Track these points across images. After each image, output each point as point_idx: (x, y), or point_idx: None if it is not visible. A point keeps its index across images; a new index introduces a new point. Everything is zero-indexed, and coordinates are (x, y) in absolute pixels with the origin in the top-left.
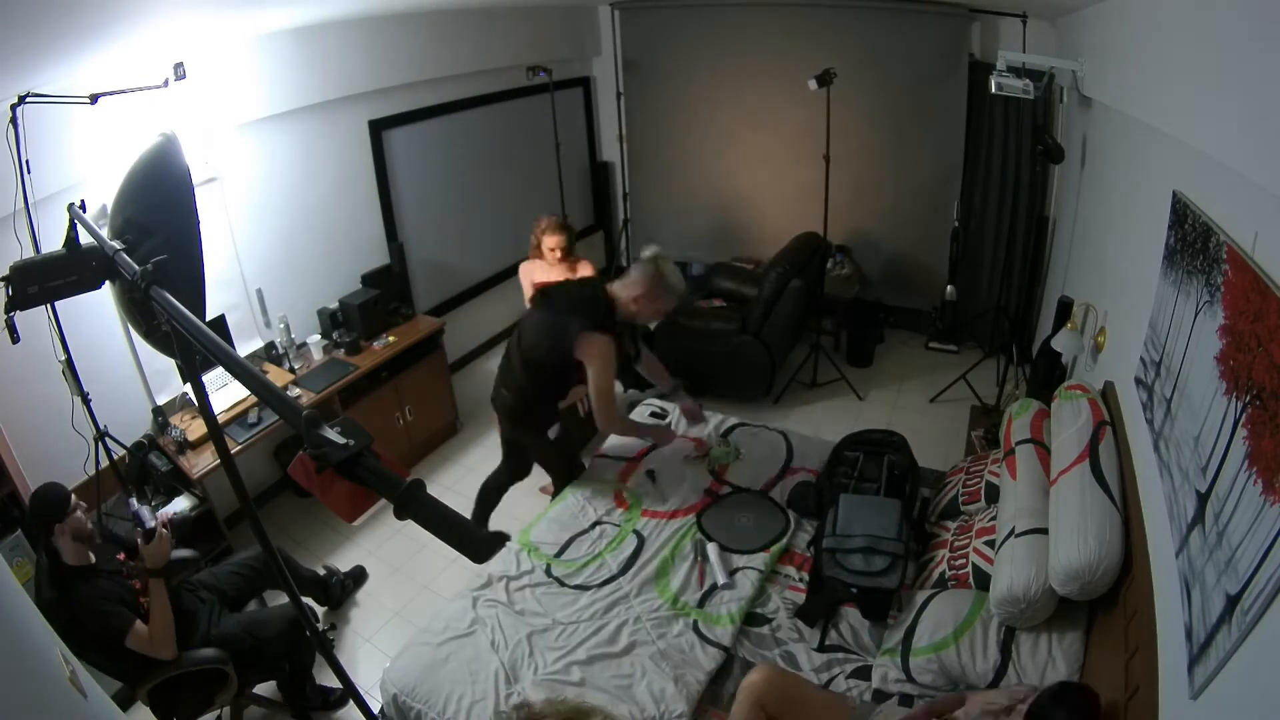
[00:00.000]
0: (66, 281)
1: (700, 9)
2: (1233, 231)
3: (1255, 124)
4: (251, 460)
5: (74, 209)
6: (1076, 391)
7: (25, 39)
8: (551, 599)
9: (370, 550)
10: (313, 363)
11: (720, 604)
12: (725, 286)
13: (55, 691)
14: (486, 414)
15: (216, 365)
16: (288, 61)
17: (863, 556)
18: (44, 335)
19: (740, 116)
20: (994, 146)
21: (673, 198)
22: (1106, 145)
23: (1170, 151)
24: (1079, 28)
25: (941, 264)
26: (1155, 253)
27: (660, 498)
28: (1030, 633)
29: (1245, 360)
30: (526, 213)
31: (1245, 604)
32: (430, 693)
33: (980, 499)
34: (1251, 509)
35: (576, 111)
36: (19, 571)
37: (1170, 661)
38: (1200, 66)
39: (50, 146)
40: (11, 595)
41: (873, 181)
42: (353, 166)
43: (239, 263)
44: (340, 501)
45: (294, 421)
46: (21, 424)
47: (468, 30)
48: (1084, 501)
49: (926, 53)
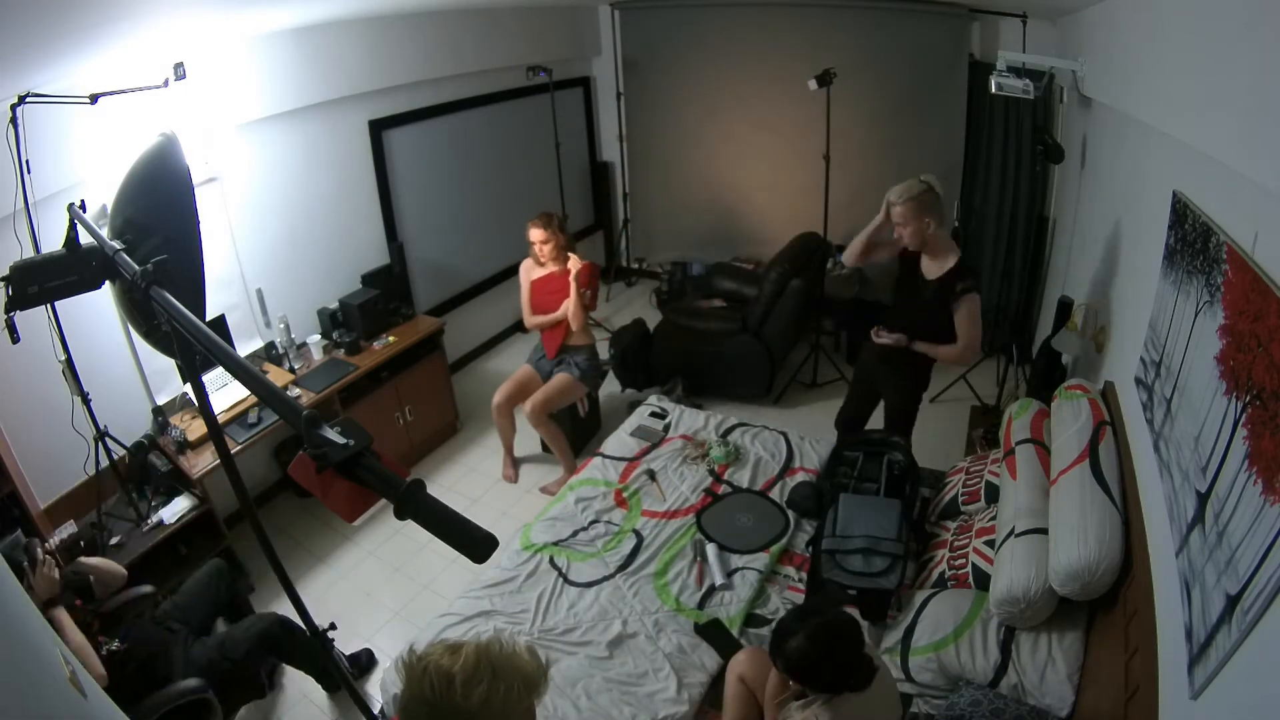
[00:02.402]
0: (66, 281)
1: (700, 9)
2: (1233, 231)
3: (1255, 124)
4: (251, 460)
5: (74, 209)
6: (1076, 391)
7: (25, 39)
8: (552, 599)
9: (370, 550)
10: (313, 363)
11: (720, 605)
12: (725, 286)
13: (55, 691)
14: (486, 414)
15: (216, 365)
16: (288, 61)
17: (862, 557)
18: (44, 335)
19: (740, 116)
20: (994, 146)
21: (673, 198)
22: (1106, 145)
23: (1170, 151)
24: (1079, 28)
25: None
26: (1155, 253)
27: (660, 498)
28: (1030, 633)
29: (1245, 360)
30: (526, 213)
31: (1245, 604)
32: None
33: (980, 499)
34: (1251, 509)
35: (576, 111)
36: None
37: (1170, 661)
38: (1200, 66)
39: (50, 146)
40: (11, 595)
41: (873, 181)
42: (353, 166)
43: (239, 263)
44: (340, 501)
45: (294, 421)
46: (21, 424)
47: (468, 30)
48: (1084, 501)
49: (926, 53)
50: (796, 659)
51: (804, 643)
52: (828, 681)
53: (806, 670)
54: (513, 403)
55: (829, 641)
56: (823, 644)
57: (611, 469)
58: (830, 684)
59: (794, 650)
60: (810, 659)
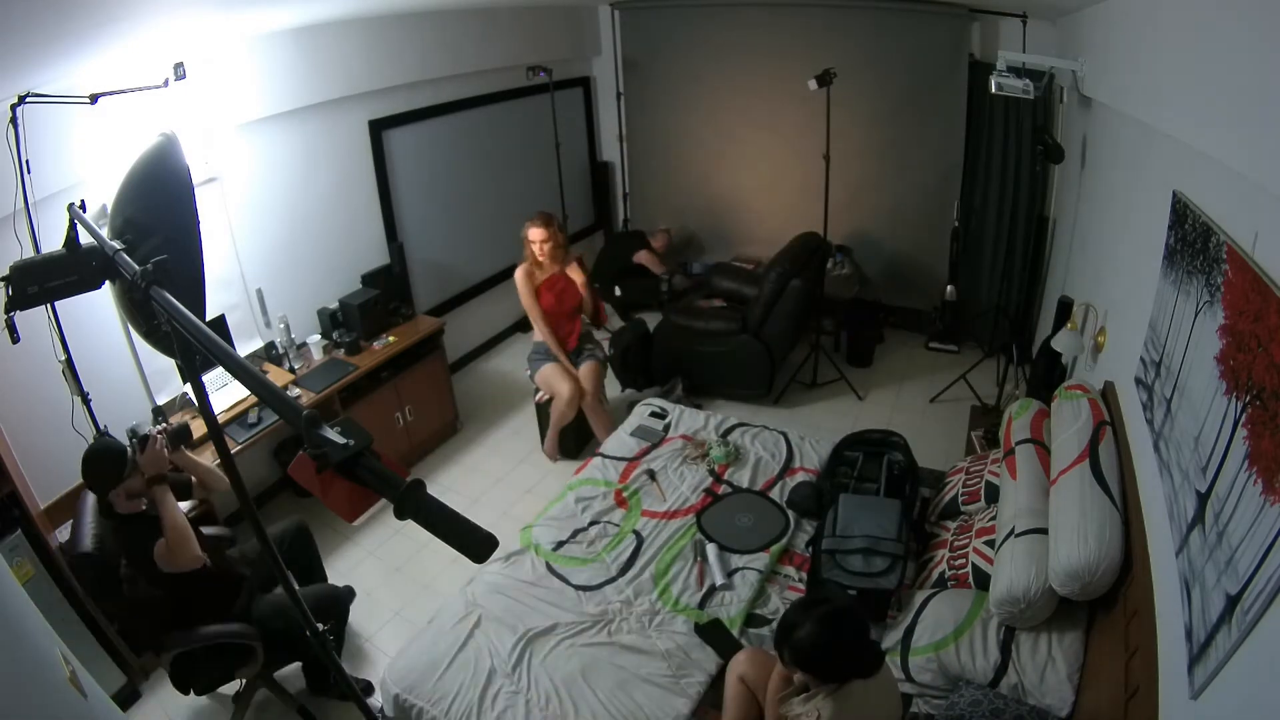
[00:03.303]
0: (66, 281)
1: (700, 9)
2: (1233, 231)
3: (1255, 123)
4: (251, 460)
5: (74, 209)
6: (1076, 391)
7: (25, 39)
8: (552, 599)
9: (370, 550)
10: (313, 363)
11: (720, 605)
12: (725, 286)
13: (55, 691)
14: (486, 414)
15: (216, 365)
16: (288, 61)
17: (862, 557)
18: (44, 335)
19: (740, 116)
20: (994, 146)
21: (673, 198)
22: (1106, 145)
23: (1170, 151)
24: (1079, 28)
25: (941, 264)
26: (1155, 253)
27: (660, 498)
28: (1030, 632)
29: (1245, 360)
30: (526, 213)
31: (1245, 604)
32: (433, 691)
33: (980, 499)
34: (1251, 509)
35: (576, 111)
36: (19, 571)
37: (1170, 661)
38: (1200, 66)
39: (50, 146)
40: (11, 595)
41: (873, 181)
42: (353, 166)
43: (239, 263)
44: (340, 501)
45: (294, 421)
46: (21, 424)
47: (468, 30)
48: (1084, 501)
49: (926, 53)
50: (805, 647)
51: (812, 630)
52: (836, 669)
53: (815, 658)
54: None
55: (836, 627)
56: (830, 630)
57: (611, 469)
58: (839, 672)
59: (802, 639)
60: (819, 646)
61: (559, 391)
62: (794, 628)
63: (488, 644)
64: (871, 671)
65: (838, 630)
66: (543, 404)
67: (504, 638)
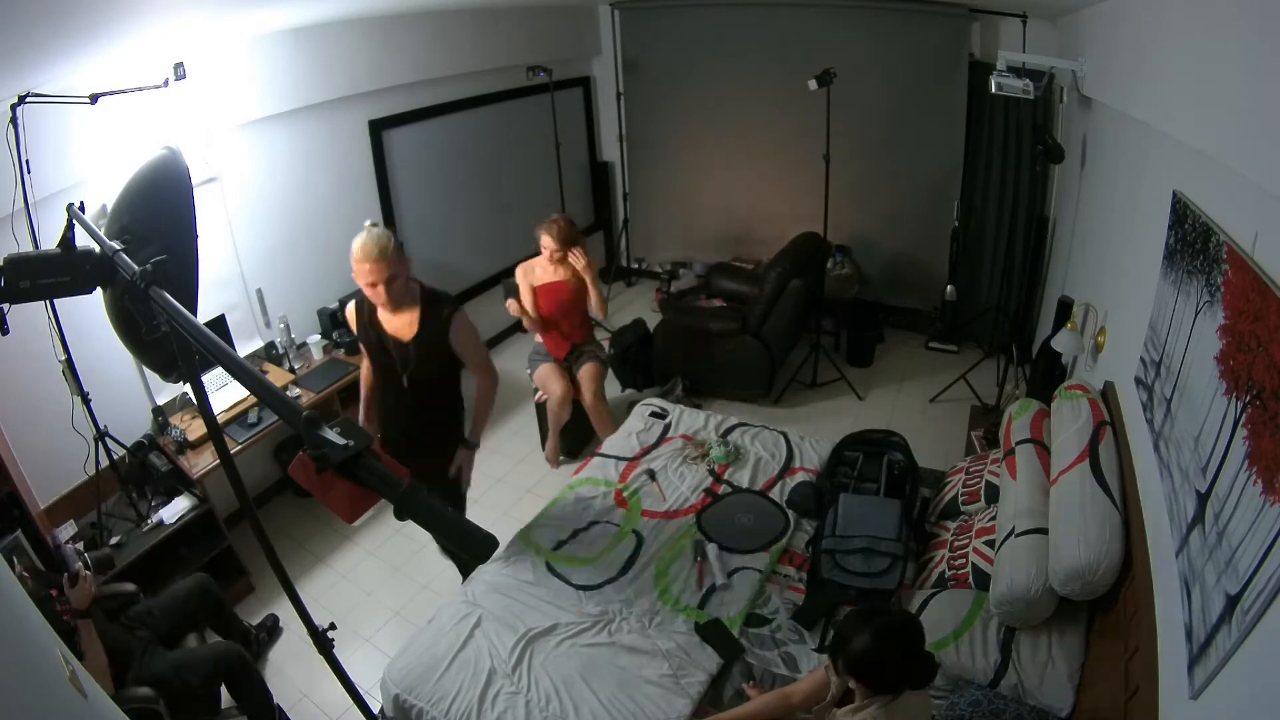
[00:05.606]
0: (59, 281)
1: (700, 9)
2: (1233, 231)
3: (1255, 124)
4: (251, 460)
5: (73, 209)
6: (1076, 391)
7: (25, 39)
8: (552, 598)
9: (370, 550)
10: (312, 363)
11: (721, 605)
12: (725, 286)
13: (55, 691)
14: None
15: (216, 365)
16: (288, 61)
17: (863, 557)
18: (44, 335)
19: (740, 116)
20: (994, 146)
21: (673, 197)
22: (1106, 145)
23: (1170, 151)
24: (1079, 28)
25: (941, 264)
26: (1155, 253)
27: (660, 498)
28: (1030, 632)
29: (1245, 360)
30: (526, 213)
31: (1245, 604)
32: (432, 691)
33: (980, 499)
34: (1251, 509)
35: (576, 111)
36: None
37: (1170, 661)
38: (1200, 66)
39: (50, 146)
40: (11, 595)
41: (873, 181)
42: (353, 166)
43: (239, 263)
44: (340, 502)
45: (294, 422)
46: (21, 424)
47: (468, 30)
48: (1084, 501)
49: (926, 53)
50: (863, 657)
51: (870, 641)
52: (892, 680)
53: (872, 669)
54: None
55: (894, 639)
56: (888, 641)
57: (611, 469)
58: (894, 683)
59: (860, 649)
60: (877, 657)
61: (551, 391)
62: (851, 637)
63: (488, 644)
64: (925, 683)
65: (896, 643)
66: (543, 404)
67: (504, 638)
